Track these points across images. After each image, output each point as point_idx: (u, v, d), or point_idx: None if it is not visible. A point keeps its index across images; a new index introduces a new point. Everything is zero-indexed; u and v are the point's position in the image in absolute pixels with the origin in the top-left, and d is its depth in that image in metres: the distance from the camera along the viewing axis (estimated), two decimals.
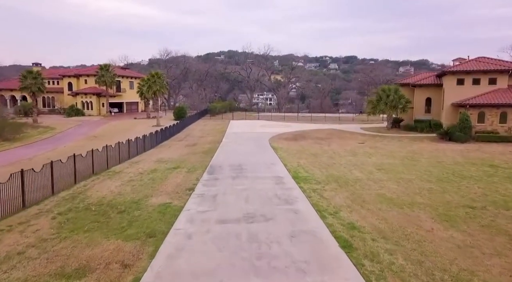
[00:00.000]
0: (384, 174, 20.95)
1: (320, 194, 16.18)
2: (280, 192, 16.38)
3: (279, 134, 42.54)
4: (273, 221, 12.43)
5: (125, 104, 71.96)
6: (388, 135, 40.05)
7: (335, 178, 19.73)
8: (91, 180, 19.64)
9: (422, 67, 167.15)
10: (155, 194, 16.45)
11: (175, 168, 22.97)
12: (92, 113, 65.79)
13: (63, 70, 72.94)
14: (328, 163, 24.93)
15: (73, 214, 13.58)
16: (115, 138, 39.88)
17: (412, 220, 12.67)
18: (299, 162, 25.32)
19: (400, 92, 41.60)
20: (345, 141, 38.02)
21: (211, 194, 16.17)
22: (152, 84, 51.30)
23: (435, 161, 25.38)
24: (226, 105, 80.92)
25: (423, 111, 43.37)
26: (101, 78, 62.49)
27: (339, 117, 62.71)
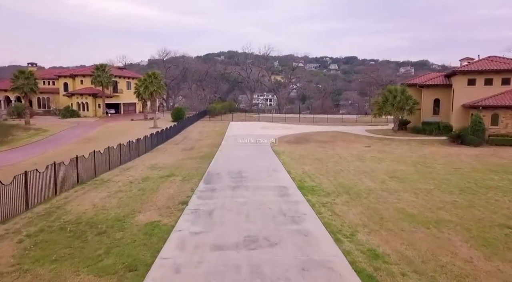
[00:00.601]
0: (398, 183, 18.92)
1: (331, 209, 14.14)
2: (286, 207, 14.34)
3: (280, 137, 40.53)
4: (279, 246, 10.39)
5: (122, 105, 69.92)
6: (395, 138, 38.00)
7: (346, 188, 17.70)
8: (75, 190, 17.60)
9: (422, 68, 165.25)
10: (143, 208, 14.41)
11: (169, 176, 20.94)
12: (88, 114, 63.76)
13: (58, 70, 70.96)
14: (335, 170, 22.90)
15: (45, 235, 11.53)
16: (110, 141, 37.87)
17: (443, 245, 10.62)
18: (303, 168, 23.30)
19: (407, 93, 39.57)
20: (351, 144, 36.01)
21: (207, 209, 14.12)
22: (149, 85, 49.27)
23: (451, 168, 23.34)
24: (226, 106, 78.91)
25: (431, 113, 41.35)
26: (97, 78, 60.46)
27: (341, 119, 60.71)
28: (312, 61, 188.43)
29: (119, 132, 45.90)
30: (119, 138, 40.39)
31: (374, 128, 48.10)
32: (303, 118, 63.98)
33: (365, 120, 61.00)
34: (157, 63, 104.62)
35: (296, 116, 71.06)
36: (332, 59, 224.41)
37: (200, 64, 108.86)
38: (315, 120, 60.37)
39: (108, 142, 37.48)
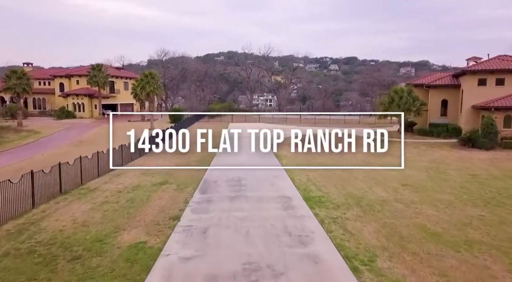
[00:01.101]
0: (413, 193, 17.16)
1: (342, 226, 12.36)
2: (291, 223, 12.57)
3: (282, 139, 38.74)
4: (285, 278, 8.61)
5: (119, 106, 68.03)
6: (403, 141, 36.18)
7: (356, 199, 15.94)
8: (56, 201, 15.79)
9: (423, 68, 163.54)
10: (129, 225, 12.62)
11: (163, 184, 19.20)
12: (84, 115, 61.94)
13: (54, 70, 69.30)
14: (342, 177, 21.17)
15: (8, 262, 9.74)
16: (104, 144, 36.18)
17: (482, 276, 8.84)
18: (308, 174, 21.58)
19: (414, 94, 37.77)
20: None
21: (201, 226, 12.34)
22: (145, 85, 47.46)
23: (467, 174, 21.58)
24: (225, 107, 77.11)
25: (438, 114, 39.56)
26: (92, 78, 58.61)
27: (344, 120, 58.94)
28: (312, 61, 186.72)
29: (114, 135, 44.13)
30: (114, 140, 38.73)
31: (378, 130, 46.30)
32: (305, 119, 62.14)
33: (368, 121, 59.20)
34: (157, 63, 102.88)
35: (297, 117, 69.32)
36: (332, 59, 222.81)
37: (199, 65, 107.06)
38: (317, 121, 58.55)
39: (102, 144, 35.78)
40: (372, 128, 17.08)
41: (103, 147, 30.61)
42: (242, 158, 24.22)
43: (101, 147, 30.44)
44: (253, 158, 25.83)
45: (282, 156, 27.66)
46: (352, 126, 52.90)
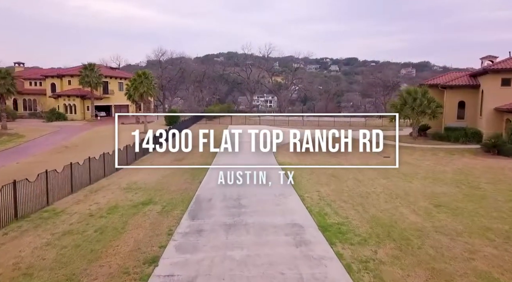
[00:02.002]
0: (452, 217, 13.76)
1: (379, 277, 8.95)
2: (307, 270, 9.18)
3: (285, 144, 35.45)
4: None
5: (113, 107, 64.66)
6: (417, 147, 32.83)
7: (384, 227, 12.55)
8: (4, 232, 12.36)
9: (424, 69, 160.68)
10: (88, 273, 9.22)
11: (146, 204, 15.81)
12: (76, 117, 58.57)
13: (46, 70, 65.78)
14: (359, 192, 17.82)
15: None
16: (91, 150, 32.79)
17: None
18: (319, 190, 18.23)
19: (429, 95, 34.42)
20: (366, 153, 30.83)
21: (186, 275, 8.93)
22: (138, 86, 44.08)
23: (506, 189, 18.19)
24: (224, 108, 73.75)
25: (454, 117, 36.19)
26: (84, 78, 55.28)
27: (349, 122, 55.53)
28: (313, 62, 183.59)
29: (105, 138, 40.78)
30: (102, 145, 35.35)
31: (387, 133, 42.80)
32: (307, 122, 58.70)
33: (375, 123, 55.78)
34: (156, 64, 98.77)
35: (299, 119, 65.97)
36: (333, 60, 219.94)
37: (198, 65, 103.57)
38: (321, 124, 55.14)
39: (89, 150, 32.40)
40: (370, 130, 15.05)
41: (89, 152, 27.32)
42: (242, 157, 20.91)
43: (87, 153, 27.20)
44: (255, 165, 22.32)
45: (286, 163, 24.27)
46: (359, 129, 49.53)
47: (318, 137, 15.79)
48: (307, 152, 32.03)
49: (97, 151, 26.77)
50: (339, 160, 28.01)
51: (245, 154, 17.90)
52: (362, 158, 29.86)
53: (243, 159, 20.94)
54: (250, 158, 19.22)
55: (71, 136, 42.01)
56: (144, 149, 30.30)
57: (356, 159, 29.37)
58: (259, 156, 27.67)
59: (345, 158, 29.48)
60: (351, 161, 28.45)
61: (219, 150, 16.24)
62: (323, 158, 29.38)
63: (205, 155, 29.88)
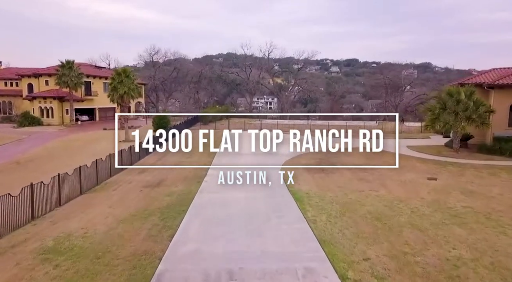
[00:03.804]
0: None
1: None
2: None
3: (294, 157, 27.79)
4: None
5: (97, 110, 56.93)
6: (465, 163, 25.12)
7: None
8: None
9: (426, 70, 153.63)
10: None
11: None
12: (53, 122, 50.78)
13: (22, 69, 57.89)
14: (434, 263, 10.11)
15: None
16: (51, 166, 25.16)
17: None
18: (367, 256, 10.57)
19: (475, 97, 26.77)
20: (403, 172, 23.23)
21: None
22: (117, 85, 36.35)
23: None
24: (222, 111, 65.98)
25: (505, 124, 28.51)
26: (61, 78, 47.54)
27: (364, 126, 47.72)
28: (313, 63, 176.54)
29: (76, 149, 33.12)
30: (69, 159, 27.69)
31: (416, 143, 35.17)
32: (314, 126, 50.85)
33: (390, 128, 48.05)
34: (155, 65, 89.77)
35: (305, 122, 58.25)
36: (333, 61, 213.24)
37: (194, 65, 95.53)
38: (331, 129, 47.34)
39: (48, 166, 24.78)
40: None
41: (47, 169, 20.20)
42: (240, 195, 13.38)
43: (44, 169, 20.12)
44: (256, 197, 14.31)
45: (301, 192, 16.41)
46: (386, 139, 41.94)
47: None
48: (322, 170, 24.77)
49: (60, 166, 19.64)
50: (372, 185, 20.35)
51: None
52: (397, 175, 22.25)
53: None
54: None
55: (34, 146, 34.25)
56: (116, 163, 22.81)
57: (389, 178, 21.80)
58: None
59: (377, 177, 21.88)
60: (382, 181, 20.85)
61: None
62: (348, 180, 21.74)
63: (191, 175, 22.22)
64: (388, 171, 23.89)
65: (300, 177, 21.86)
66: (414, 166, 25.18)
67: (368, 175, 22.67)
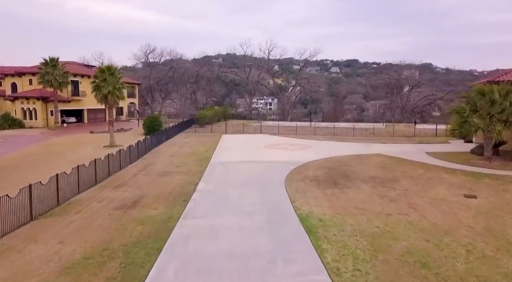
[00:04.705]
0: None
1: None
2: None
3: (299, 168, 23.71)
4: None
5: (86, 112, 52.82)
6: (504, 175, 21.03)
7: None
8: None
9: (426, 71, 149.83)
10: None
11: None
12: (37, 124, 46.68)
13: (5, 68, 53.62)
14: None
15: None
16: (19, 176, 21.02)
17: None
18: None
19: None
20: (430, 186, 19.20)
21: None
22: (101, 84, 32.20)
23: None
24: (219, 112, 61.87)
25: None
26: (44, 76, 43.42)
27: (373, 131, 43.58)
28: (313, 64, 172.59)
29: (53, 155, 28.95)
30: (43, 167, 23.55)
31: (434, 149, 31.10)
32: (318, 129, 46.66)
33: (402, 131, 43.97)
34: (155, 65, 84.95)
35: (307, 124, 54.15)
36: (333, 62, 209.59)
37: (191, 65, 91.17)
38: (337, 132, 43.30)
39: (11, 179, 20.62)
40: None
41: (15, 180, 16.45)
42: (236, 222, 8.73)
43: (12, 181, 16.31)
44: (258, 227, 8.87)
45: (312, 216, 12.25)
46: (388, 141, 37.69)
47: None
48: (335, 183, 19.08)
49: (24, 179, 15.81)
50: (399, 205, 16.25)
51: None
52: (423, 191, 18.15)
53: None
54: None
55: (8, 152, 30.08)
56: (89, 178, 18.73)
57: (415, 194, 17.71)
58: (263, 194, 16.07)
59: (401, 193, 17.79)
60: (409, 200, 16.73)
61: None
62: (368, 198, 17.64)
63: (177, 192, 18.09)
64: (412, 184, 19.84)
65: (308, 194, 17.75)
66: (442, 178, 21.08)
67: (389, 190, 18.59)
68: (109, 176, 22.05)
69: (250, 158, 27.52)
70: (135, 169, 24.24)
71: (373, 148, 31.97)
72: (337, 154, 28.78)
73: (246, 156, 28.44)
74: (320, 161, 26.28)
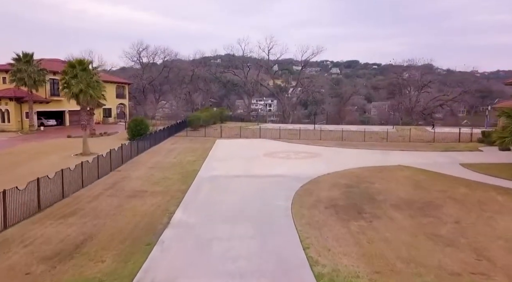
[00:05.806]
0: None
1: None
2: None
3: (308, 185, 18.44)
4: None
5: (67, 114, 47.50)
6: None
7: None
8: None
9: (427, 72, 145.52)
10: None
11: None
12: (10, 127, 41.38)
13: None
14: None
15: None
16: None
17: None
18: None
19: None
20: (488, 214, 13.96)
21: None
22: (71, 81, 26.89)
23: None
24: (215, 114, 56.58)
25: None
26: (17, 74, 38.17)
27: (386, 136, 38.27)
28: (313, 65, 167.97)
29: (11, 166, 23.70)
30: None
31: (467, 158, 25.85)
32: (324, 133, 41.26)
33: (418, 136, 38.73)
34: (154, 66, 79.22)
35: (311, 127, 48.87)
36: (333, 63, 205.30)
37: (188, 64, 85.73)
38: (345, 137, 38.04)
39: None
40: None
41: None
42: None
43: None
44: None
45: None
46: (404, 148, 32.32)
47: None
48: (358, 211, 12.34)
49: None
50: (462, 252, 11.02)
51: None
52: (484, 223, 12.88)
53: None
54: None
55: None
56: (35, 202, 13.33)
57: (475, 230, 12.42)
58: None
59: (456, 229, 12.49)
60: (473, 241, 11.43)
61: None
62: (411, 238, 12.33)
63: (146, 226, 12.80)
64: (463, 212, 14.58)
65: (325, 229, 12.52)
66: (497, 202, 15.88)
67: (435, 223, 13.36)
68: (63, 197, 16.78)
69: (246, 171, 22.25)
70: (101, 187, 18.91)
71: (392, 157, 26.73)
72: (352, 165, 23.52)
73: (242, 168, 23.16)
74: (333, 175, 21.01)
